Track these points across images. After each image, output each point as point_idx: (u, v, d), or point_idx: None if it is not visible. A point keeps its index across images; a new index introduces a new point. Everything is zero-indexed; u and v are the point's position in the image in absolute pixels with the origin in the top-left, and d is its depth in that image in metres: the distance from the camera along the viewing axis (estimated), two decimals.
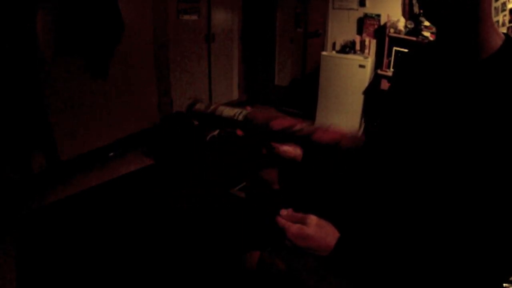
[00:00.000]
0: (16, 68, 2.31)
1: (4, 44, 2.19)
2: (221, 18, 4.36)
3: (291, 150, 0.78)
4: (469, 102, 0.59)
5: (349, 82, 3.65)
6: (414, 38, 3.22)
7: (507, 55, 0.58)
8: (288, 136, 0.73)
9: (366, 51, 3.63)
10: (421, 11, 3.23)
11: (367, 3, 3.63)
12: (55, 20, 2.51)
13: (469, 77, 0.60)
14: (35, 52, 2.41)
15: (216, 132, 3.54)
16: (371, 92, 3.58)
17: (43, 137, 2.62)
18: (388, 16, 3.45)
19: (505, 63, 0.57)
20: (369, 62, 3.52)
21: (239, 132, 0.77)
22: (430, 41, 3.05)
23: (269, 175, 0.92)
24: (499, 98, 0.56)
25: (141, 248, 1.92)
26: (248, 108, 0.77)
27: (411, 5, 3.34)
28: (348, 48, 3.73)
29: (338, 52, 3.80)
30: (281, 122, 0.72)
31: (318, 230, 0.69)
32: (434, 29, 3.09)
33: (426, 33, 3.17)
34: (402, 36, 3.32)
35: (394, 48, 3.38)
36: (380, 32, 3.58)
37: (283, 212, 0.73)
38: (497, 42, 0.59)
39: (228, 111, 0.78)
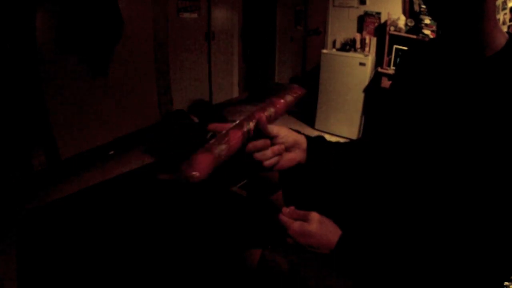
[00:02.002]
0: (16, 67, 2.30)
1: (4, 43, 2.19)
2: (221, 16, 4.35)
3: (295, 156, 0.77)
4: (473, 100, 0.59)
5: (349, 80, 3.65)
6: (414, 36, 3.21)
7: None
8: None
9: (367, 49, 3.63)
10: (422, 9, 3.22)
11: (368, 1, 3.62)
12: (54, 18, 2.50)
13: (473, 75, 0.60)
14: (35, 50, 2.41)
15: None
16: (372, 90, 3.58)
17: (43, 136, 2.61)
18: (388, 14, 3.44)
19: (510, 62, 0.57)
20: (370, 60, 3.51)
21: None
22: (431, 38, 3.04)
23: (271, 174, 0.91)
24: (504, 96, 0.56)
25: (141, 246, 1.92)
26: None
27: (411, 3, 3.33)
28: (348, 46, 3.72)
29: (338, 50, 3.79)
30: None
31: (319, 227, 0.69)
32: (434, 28, 3.09)
33: (427, 31, 3.17)
34: (402, 34, 3.32)
35: (395, 46, 3.37)
36: (381, 30, 3.57)
37: (285, 209, 0.73)
38: (501, 40, 0.59)
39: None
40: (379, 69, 3.53)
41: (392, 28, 3.38)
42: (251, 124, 0.68)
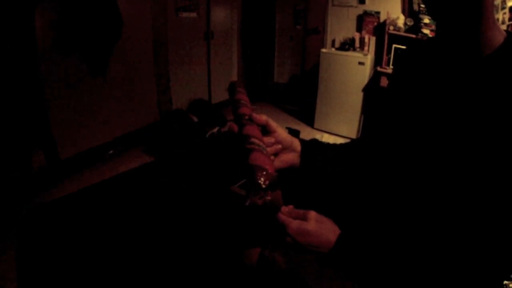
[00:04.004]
0: (16, 67, 2.30)
1: (4, 44, 2.19)
2: (220, 15, 4.34)
3: (288, 158, 0.78)
4: (471, 99, 0.59)
5: (348, 79, 3.65)
6: (413, 36, 3.21)
7: (510, 52, 0.58)
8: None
9: (366, 48, 3.63)
10: (421, 9, 3.22)
11: (367, 0, 3.62)
12: (54, 18, 2.50)
13: (471, 73, 0.60)
14: (35, 51, 2.41)
15: (215, 129, 3.54)
16: (371, 89, 3.58)
17: (42, 136, 2.61)
18: (387, 13, 3.44)
19: (507, 60, 0.57)
20: (369, 59, 3.51)
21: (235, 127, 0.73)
22: (430, 37, 3.04)
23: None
24: (502, 95, 0.56)
25: (141, 245, 1.92)
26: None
27: (410, 2, 3.33)
28: (347, 45, 3.72)
29: (337, 49, 3.79)
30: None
31: (318, 226, 0.69)
32: (433, 27, 3.09)
33: (426, 31, 3.17)
34: (401, 33, 3.32)
35: (394, 45, 3.37)
36: (380, 29, 3.57)
37: (284, 208, 0.73)
38: (499, 39, 0.59)
39: None
40: (378, 69, 3.53)
41: (391, 28, 3.38)
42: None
